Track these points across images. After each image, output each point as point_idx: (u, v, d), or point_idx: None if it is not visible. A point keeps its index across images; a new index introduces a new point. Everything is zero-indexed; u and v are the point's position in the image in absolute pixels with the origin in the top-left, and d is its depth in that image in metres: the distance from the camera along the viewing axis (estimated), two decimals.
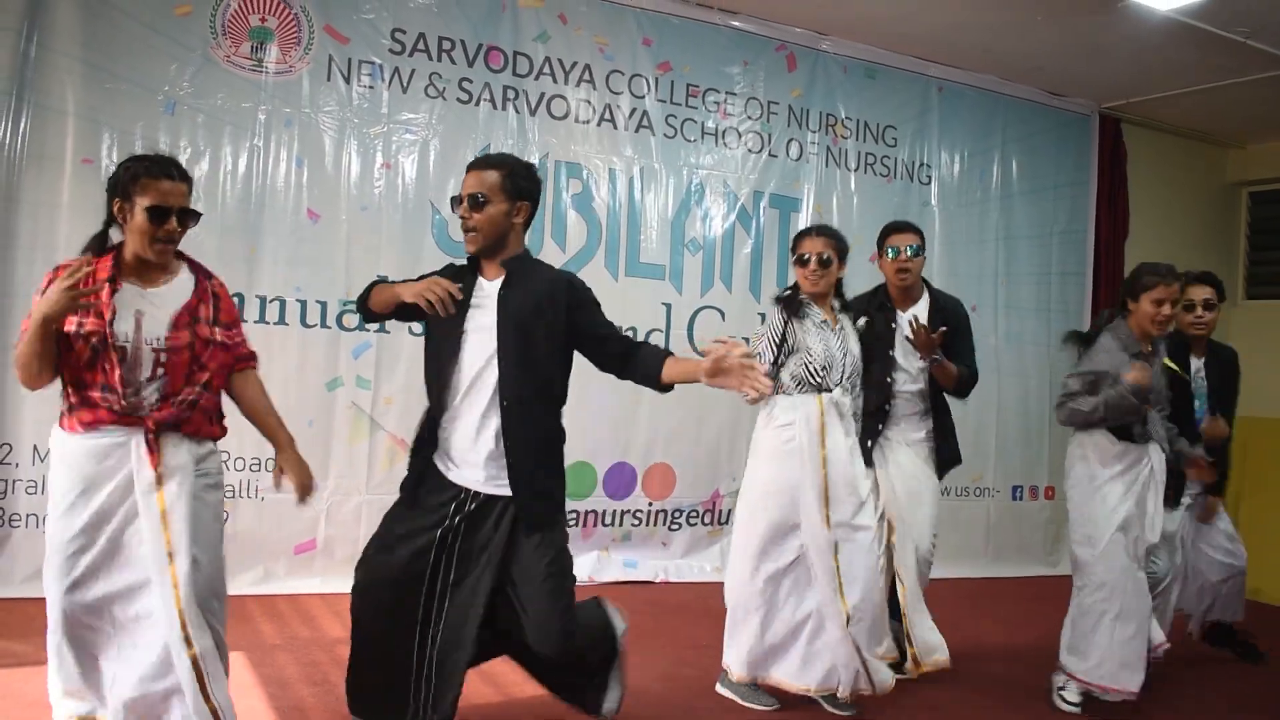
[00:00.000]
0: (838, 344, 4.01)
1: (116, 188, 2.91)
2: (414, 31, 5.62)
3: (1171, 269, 4.12)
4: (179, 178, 2.93)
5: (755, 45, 6.55)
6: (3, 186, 4.83)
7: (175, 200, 2.90)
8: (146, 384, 2.87)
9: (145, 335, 2.87)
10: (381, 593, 3.22)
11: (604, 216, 6.12)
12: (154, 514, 2.86)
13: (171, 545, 2.86)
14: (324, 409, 5.45)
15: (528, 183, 3.26)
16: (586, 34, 6.06)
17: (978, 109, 7.35)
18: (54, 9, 4.89)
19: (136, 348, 2.86)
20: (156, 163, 2.92)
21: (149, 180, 2.87)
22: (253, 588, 5.23)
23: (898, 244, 4.44)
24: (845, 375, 4.00)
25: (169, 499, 2.87)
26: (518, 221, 3.25)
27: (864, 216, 6.85)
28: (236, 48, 5.25)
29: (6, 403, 4.85)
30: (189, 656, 2.86)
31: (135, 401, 2.86)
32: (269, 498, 5.30)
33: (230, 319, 3.10)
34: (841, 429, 3.96)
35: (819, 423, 3.92)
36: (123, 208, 2.90)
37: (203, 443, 3.01)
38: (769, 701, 4.10)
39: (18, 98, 4.84)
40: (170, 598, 2.85)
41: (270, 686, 3.93)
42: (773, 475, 3.98)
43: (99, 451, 2.86)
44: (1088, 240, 7.83)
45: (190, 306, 2.97)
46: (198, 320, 2.96)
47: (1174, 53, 6.59)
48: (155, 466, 2.86)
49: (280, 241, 5.33)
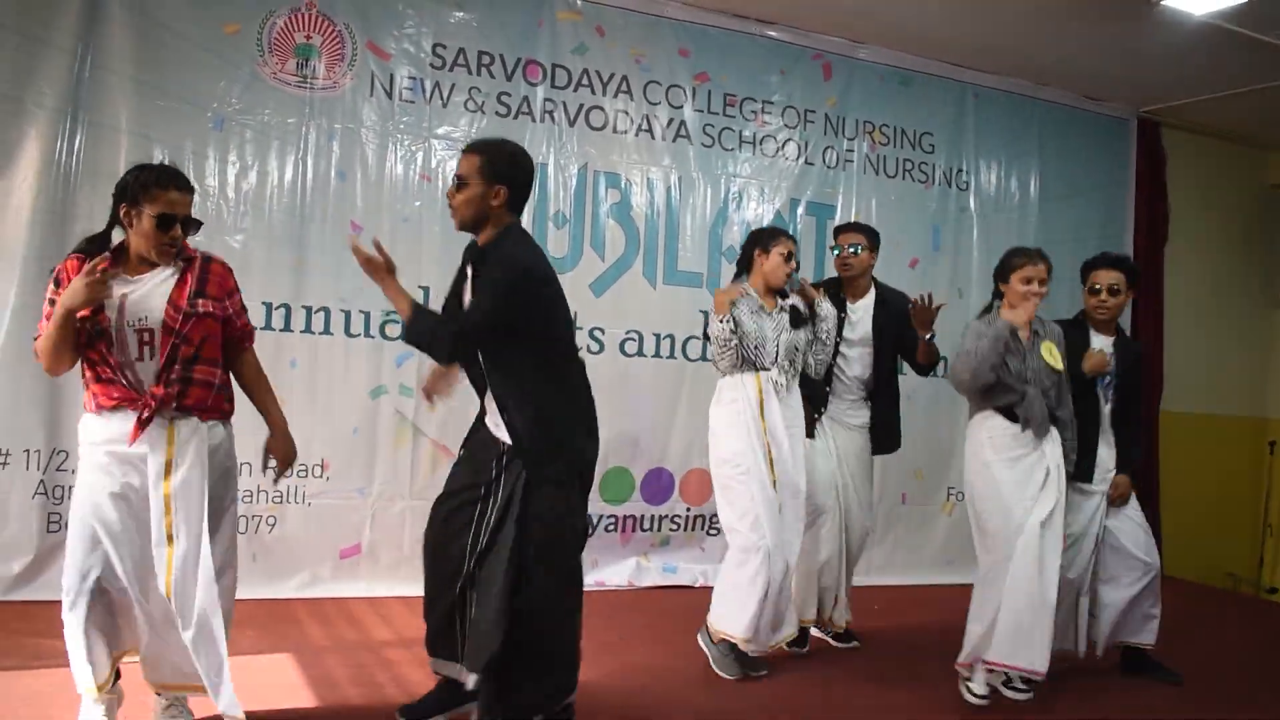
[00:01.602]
0: (772, 327, 4.45)
1: (125, 193, 3.15)
2: (454, 47, 5.73)
3: (1039, 251, 4.39)
4: (185, 188, 3.20)
5: (791, 54, 6.61)
6: (57, 202, 4.97)
7: (181, 209, 3.17)
8: (138, 363, 3.12)
9: (128, 317, 3.12)
10: (433, 538, 3.57)
11: (642, 225, 6.19)
12: (158, 499, 3.10)
13: (172, 529, 3.10)
14: (368, 416, 5.55)
15: (509, 167, 3.41)
16: (624, 46, 6.14)
17: (1014, 114, 7.34)
18: (107, 30, 5.04)
19: (120, 329, 3.11)
20: (166, 174, 3.18)
21: (159, 190, 3.13)
22: (299, 591, 5.34)
23: (842, 243, 4.99)
24: (780, 355, 4.44)
25: (175, 484, 3.11)
26: (495, 204, 3.38)
27: (902, 223, 6.88)
28: (283, 64, 5.38)
29: (62, 411, 4.98)
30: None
31: (135, 380, 3.11)
32: (315, 503, 5.42)
33: (219, 292, 3.28)
34: (779, 404, 4.42)
35: (758, 398, 4.41)
36: (129, 212, 3.14)
37: (213, 425, 3.25)
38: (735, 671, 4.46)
39: (72, 116, 4.98)
40: (163, 581, 3.10)
41: (319, 688, 4.03)
42: (730, 446, 4.44)
43: (114, 433, 3.11)
44: (1126, 244, 7.76)
45: (173, 287, 3.19)
46: (177, 295, 3.17)
47: (1211, 56, 6.57)
48: (168, 451, 3.11)
49: (325, 253, 5.44)
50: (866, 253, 4.93)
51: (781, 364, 4.44)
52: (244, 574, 5.16)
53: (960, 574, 6.22)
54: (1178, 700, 4.58)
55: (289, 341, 5.36)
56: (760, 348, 4.41)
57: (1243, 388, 8.57)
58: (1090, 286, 4.74)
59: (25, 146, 4.92)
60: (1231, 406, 8.49)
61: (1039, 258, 4.34)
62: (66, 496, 5.02)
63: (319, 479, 5.42)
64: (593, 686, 4.15)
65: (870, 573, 6.55)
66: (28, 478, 4.94)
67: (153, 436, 3.11)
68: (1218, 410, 8.36)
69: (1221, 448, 8.44)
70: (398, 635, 4.77)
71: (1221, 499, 8.44)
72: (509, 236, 3.42)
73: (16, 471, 4.92)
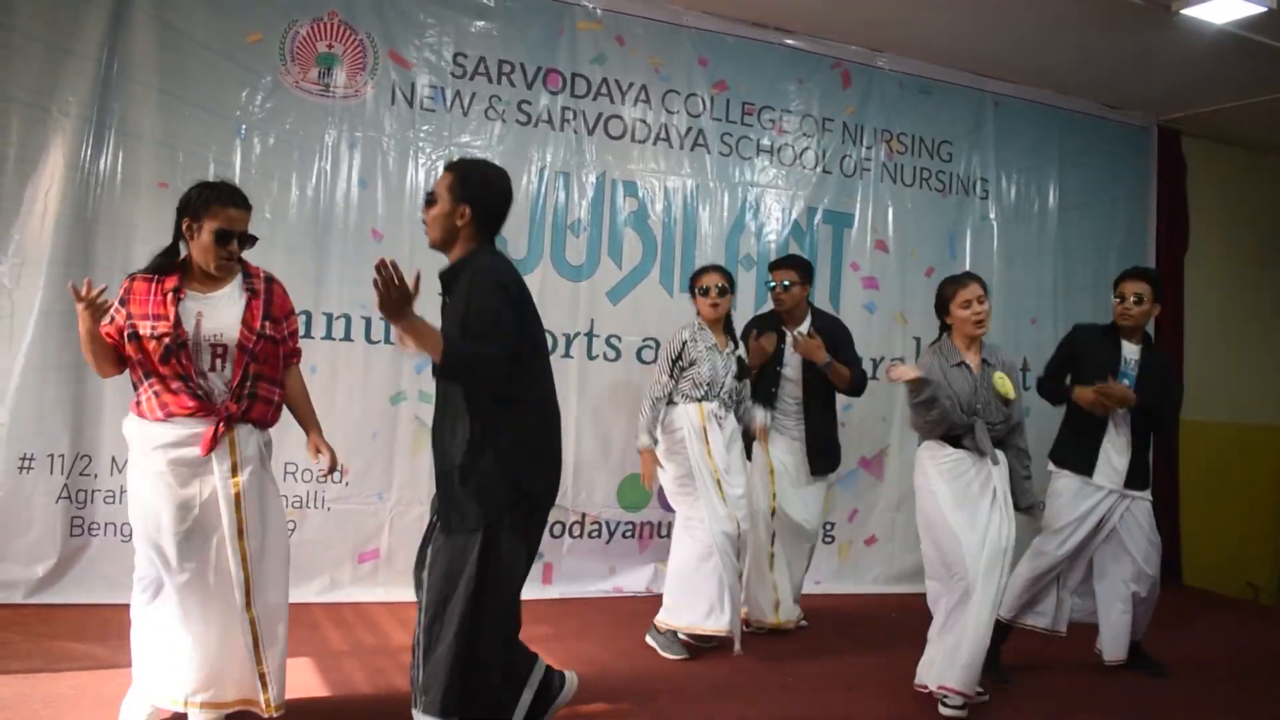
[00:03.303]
0: (723, 365, 4.90)
1: (188, 208, 3.36)
2: (475, 56, 5.77)
3: (967, 273, 4.53)
4: (243, 205, 3.41)
5: (810, 63, 6.62)
6: (82, 209, 5.03)
7: (239, 225, 3.38)
8: (210, 374, 3.33)
9: (205, 332, 3.32)
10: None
11: (659, 233, 6.21)
12: (229, 496, 3.30)
13: (245, 525, 3.32)
14: (387, 422, 5.59)
15: (479, 188, 3.33)
16: (643, 55, 6.17)
17: (1034, 123, 7.34)
18: (132, 39, 5.10)
19: (197, 343, 3.31)
20: (226, 191, 3.38)
21: (219, 207, 3.34)
22: (319, 596, 5.38)
23: (776, 278, 5.32)
24: (723, 389, 4.89)
25: (243, 484, 3.32)
26: (460, 224, 3.32)
27: (920, 232, 6.90)
28: (305, 73, 5.43)
29: (86, 416, 5.04)
30: (249, 617, 3.35)
31: (207, 389, 3.30)
32: (334, 508, 5.46)
33: (282, 313, 3.52)
34: (720, 430, 4.85)
35: (701, 426, 4.83)
36: (191, 226, 3.35)
37: (265, 431, 3.47)
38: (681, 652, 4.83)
39: (97, 124, 5.05)
40: (240, 567, 3.32)
41: (337, 691, 4.06)
42: (672, 470, 4.88)
43: (181, 438, 3.28)
44: (1147, 253, 7.75)
45: (246, 307, 3.40)
46: (250, 318, 3.38)
47: (1232, 65, 6.55)
48: (233, 454, 3.32)
49: (346, 260, 5.49)
50: (797, 287, 5.26)
51: (723, 398, 4.90)
52: None
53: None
54: (1191, 711, 4.56)
55: (309, 348, 5.33)
56: (712, 385, 4.87)
57: (1263, 396, 8.52)
58: (1118, 295, 4.95)
59: (50, 154, 4.99)
60: (1252, 415, 8.44)
61: (969, 278, 4.42)
62: (90, 501, 5.08)
63: (338, 484, 5.45)
64: (611, 692, 4.20)
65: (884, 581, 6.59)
66: (52, 482, 5.00)
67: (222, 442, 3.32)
68: (1238, 419, 8.32)
69: (1242, 457, 8.40)
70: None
71: (1242, 508, 8.40)
72: (479, 254, 3.32)
73: (41, 476, 4.98)
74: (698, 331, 4.96)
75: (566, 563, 5.96)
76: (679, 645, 4.85)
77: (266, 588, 3.40)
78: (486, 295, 3.16)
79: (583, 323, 6.00)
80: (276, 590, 3.45)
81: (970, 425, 4.28)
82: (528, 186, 5.89)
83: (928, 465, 4.36)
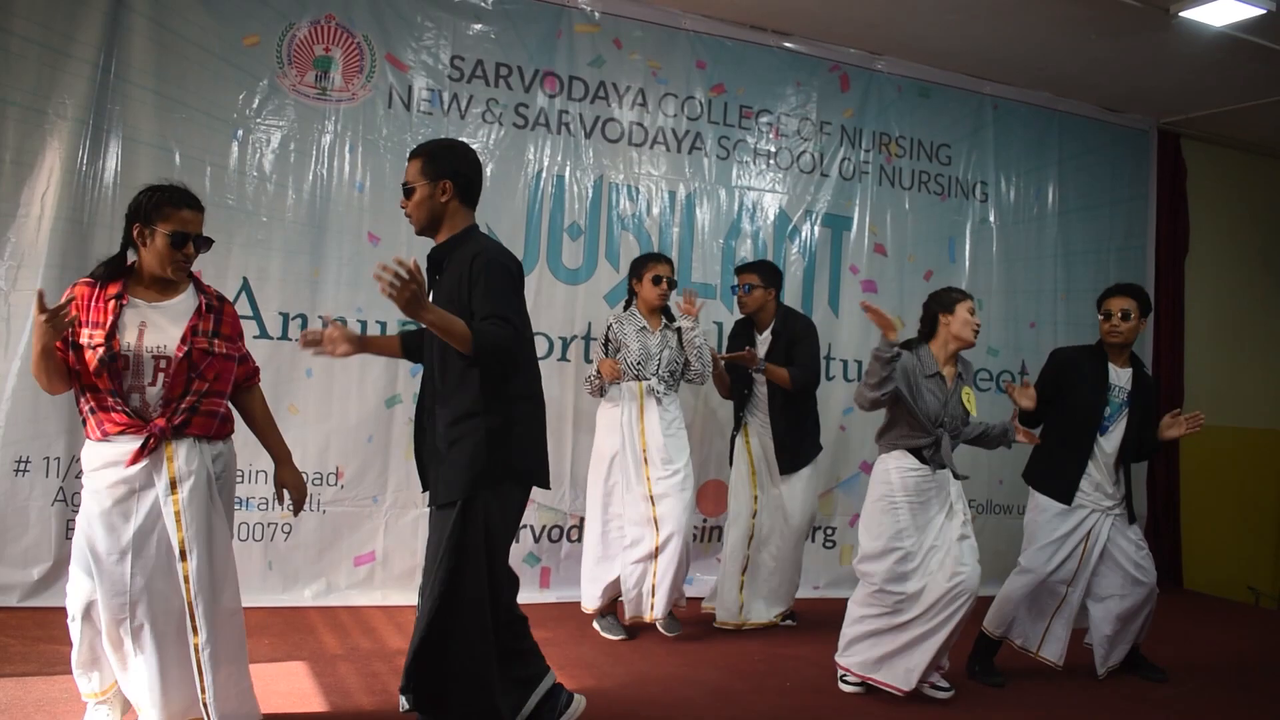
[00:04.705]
0: (655, 344, 5.12)
1: (138, 213, 3.22)
2: (472, 59, 5.77)
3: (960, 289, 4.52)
4: (197, 207, 3.28)
5: (808, 66, 6.61)
6: (78, 212, 5.03)
7: (193, 228, 3.25)
8: (149, 389, 3.15)
9: (146, 344, 3.16)
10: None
11: (656, 236, 6.21)
12: (170, 514, 3.15)
13: (185, 544, 3.16)
14: (383, 425, 5.58)
15: (449, 160, 3.36)
16: (641, 58, 6.17)
17: (1033, 125, 7.33)
18: (128, 42, 5.11)
19: (138, 355, 3.15)
20: (178, 193, 3.25)
21: (171, 209, 3.21)
22: (314, 600, 5.37)
23: (739, 282, 5.49)
24: (661, 368, 5.11)
25: (183, 501, 3.16)
26: (444, 200, 3.35)
27: (919, 235, 6.89)
28: (301, 76, 5.42)
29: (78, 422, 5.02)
30: (192, 645, 3.19)
31: (141, 405, 3.15)
32: (329, 511, 5.45)
33: (231, 332, 3.38)
34: (658, 409, 5.09)
35: (639, 404, 5.08)
36: (143, 232, 3.22)
37: (213, 443, 3.29)
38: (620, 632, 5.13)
39: (94, 127, 5.05)
40: (181, 591, 3.17)
41: (332, 696, 4.04)
42: (600, 444, 5.20)
43: (117, 456, 3.13)
44: (1147, 256, 7.76)
45: (192, 321, 3.24)
46: (197, 334, 3.23)
47: (1232, 68, 6.55)
48: (170, 471, 3.16)
49: (342, 264, 5.49)
50: (759, 290, 5.41)
51: (662, 374, 5.12)
52: (259, 581, 5.26)
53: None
54: (1190, 716, 4.54)
55: (305, 351, 5.37)
56: (643, 363, 5.09)
57: (1264, 400, 8.51)
58: (1104, 312, 4.83)
59: (47, 157, 4.99)
60: (1252, 419, 8.43)
61: (962, 294, 4.46)
62: None
63: (333, 487, 5.45)
64: (607, 695, 4.18)
65: None
66: (47, 485, 4.99)
67: (152, 458, 3.15)
68: (1239, 423, 8.30)
69: (1242, 461, 8.38)
70: None
71: (1243, 512, 8.38)
72: (473, 234, 3.38)
73: (36, 479, 4.97)
74: (624, 315, 5.23)
75: (564, 567, 5.95)
76: (618, 626, 5.15)
77: (212, 613, 3.21)
78: (497, 276, 3.21)
79: (580, 326, 5.99)
80: (224, 611, 3.26)
81: (936, 439, 4.32)
82: (524, 189, 5.88)
83: (892, 476, 4.38)
